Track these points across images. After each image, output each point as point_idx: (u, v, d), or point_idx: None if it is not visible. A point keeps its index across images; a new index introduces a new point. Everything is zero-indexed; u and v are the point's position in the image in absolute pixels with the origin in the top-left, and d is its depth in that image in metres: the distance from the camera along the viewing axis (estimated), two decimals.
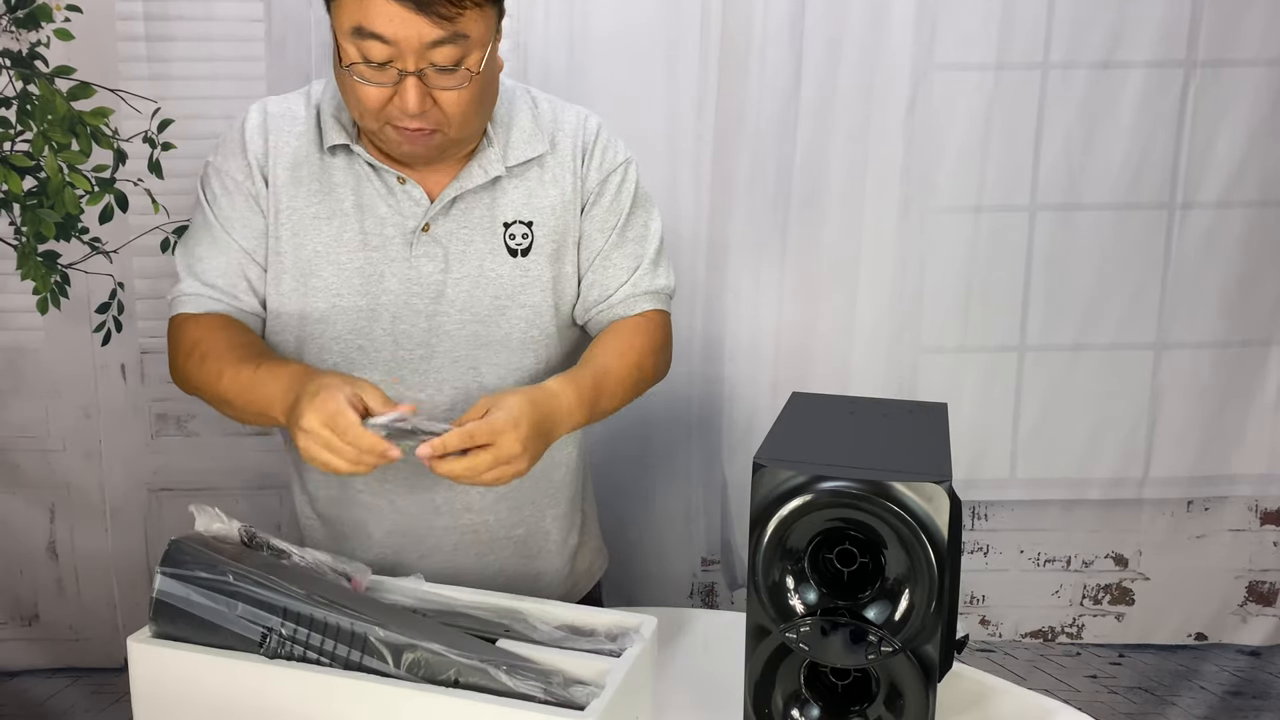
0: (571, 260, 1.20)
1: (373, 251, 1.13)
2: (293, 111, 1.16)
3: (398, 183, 1.13)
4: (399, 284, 1.13)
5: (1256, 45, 1.80)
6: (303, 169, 1.14)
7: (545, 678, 0.87)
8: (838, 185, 1.83)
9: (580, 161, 1.18)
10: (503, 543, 1.23)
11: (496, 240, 1.14)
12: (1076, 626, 2.02)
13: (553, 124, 1.19)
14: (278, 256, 1.14)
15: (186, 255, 1.16)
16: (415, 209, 1.13)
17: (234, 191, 1.15)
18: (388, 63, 1.00)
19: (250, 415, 1.07)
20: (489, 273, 1.14)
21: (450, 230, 1.14)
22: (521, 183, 1.16)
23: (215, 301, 1.14)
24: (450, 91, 1.03)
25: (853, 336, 1.88)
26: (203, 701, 0.89)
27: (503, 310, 1.15)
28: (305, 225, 1.13)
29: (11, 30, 1.71)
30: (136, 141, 1.76)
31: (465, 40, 1.00)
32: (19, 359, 1.83)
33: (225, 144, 1.17)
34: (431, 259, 1.13)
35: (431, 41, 0.99)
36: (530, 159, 1.16)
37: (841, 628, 0.86)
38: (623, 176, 1.21)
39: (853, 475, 0.85)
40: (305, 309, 1.14)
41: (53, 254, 1.79)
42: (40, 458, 1.87)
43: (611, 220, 1.20)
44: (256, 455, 1.88)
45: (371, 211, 1.13)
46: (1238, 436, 1.94)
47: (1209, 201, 1.86)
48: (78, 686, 1.92)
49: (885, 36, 1.78)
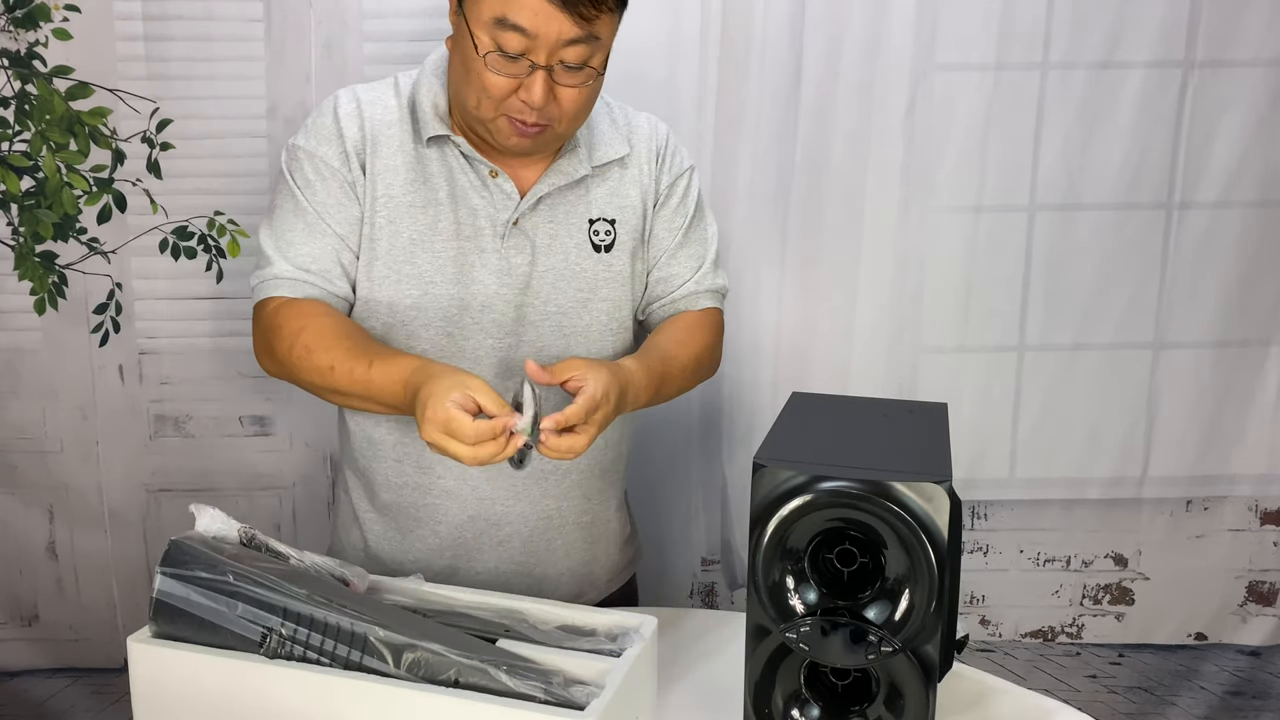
0: (642, 257, 1.25)
1: (465, 241, 1.16)
2: (384, 100, 1.18)
3: (490, 176, 1.16)
4: (489, 275, 1.16)
5: (1255, 46, 1.80)
6: (398, 157, 1.16)
7: (545, 678, 0.87)
8: (838, 185, 1.83)
9: (655, 164, 1.25)
10: (572, 529, 1.27)
11: (582, 236, 1.20)
12: (1076, 626, 2.02)
13: (627, 127, 1.25)
14: (371, 243, 1.16)
15: (276, 239, 1.16)
16: (507, 202, 1.17)
17: (329, 178, 1.16)
18: (521, 55, 1.05)
19: (371, 406, 1.10)
20: (574, 267, 1.19)
21: (537, 224, 1.18)
22: (605, 182, 1.22)
23: (311, 287, 1.15)
24: (570, 89, 1.08)
25: (853, 336, 1.88)
26: (203, 701, 0.89)
27: (585, 303, 1.20)
28: (401, 213, 1.15)
29: (10, 30, 1.71)
30: (135, 141, 1.76)
31: (596, 41, 1.06)
32: (16, 360, 1.83)
33: (316, 129, 1.17)
34: (520, 251, 1.17)
35: (568, 39, 1.04)
36: (612, 160, 1.22)
37: (841, 628, 0.86)
38: (689, 180, 1.28)
39: (853, 475, 0.85)
40: (397, 296, 1.16)
41: (50, 254, 1.79)
42: (38, 458, 1.86)
43: (679, 220, 1.26)
44: (255, 456, 1.88)
45: (465, 202, 1.16)
46: (1237, 436, 1.94)
47: (1208, 201, 1.86)
48: (78, 686, 1.92)
49: (885, 36, 1.78)
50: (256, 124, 1.77)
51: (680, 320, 1.27)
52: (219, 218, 1.80)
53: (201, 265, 1.81)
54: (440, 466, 1.20)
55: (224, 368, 1.85)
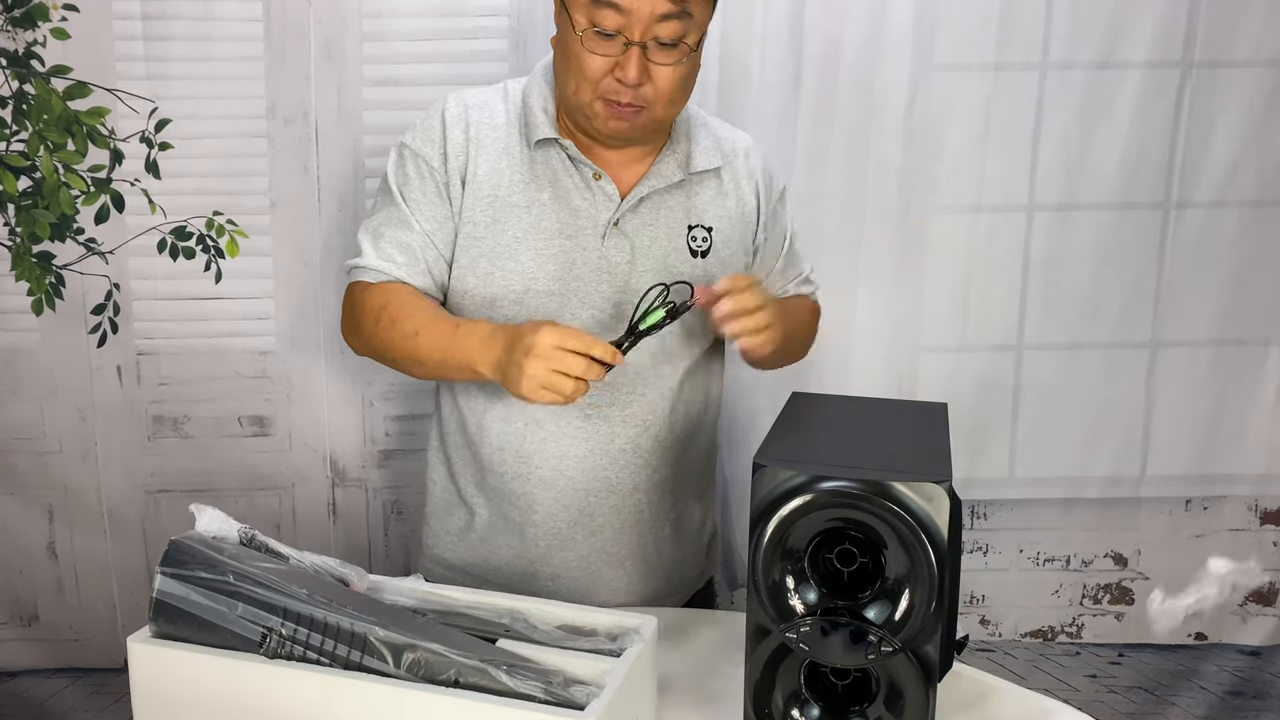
0: (740, 268, 1.28)
1: (567, 240, 1.19)
2: (491, 105, 1.23)
3: (594, 178, 1.20)
4: (590, 273, 1.19)
5: (1252, 46, 1.81)
6: (503, 160, 1.20)
7: (545, 677, 0.87)
8: (838, 185, 1.83)
9: (755, 182, 1.29)
10: (661, 524, 1.28)
11: (681, 240, 1.23)
12: (1076, 626, 2.02)
13: (725, 141, 1.29)
14: (475, 241, 1.19)
15: (371, 230, 1.23)
16: (609, 203, 1.20)
17: (426, 177, 1.20)
18: (616, 33, 1.08)
19: (449, 369, 1.15)
20: (672, 268, 1.22)
21: (637, 226, 1.21)
22: (703, 190, 1.25)
23: (398, 269, 1.20)
24: (666, 67, 1.11)
25: (853, 336, 1.88)
26: (203, 701, 0.89)
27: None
28: (506, 212, 1.19)
29: (8, 29, 1.70)
30: (133, 141, 1.76)
31: (690, 19, 1.09)
32: (14, 360, 1.83)
33: (423, 130, 1.22)
34: (620, 250, 1.20)
35: (662, 14, 1.07)
36: (707, 169, 1.25)
37: (841, 628, 0.86)
38: (785, 204, 1.35)
39: (853, 475, 0.85)
40: (498, 292, 1.19)
41: (48, 254, 1.79)
42: (37, 459, 1.86)
43: (780, 241, 1.35)
44: (254, 456, 1.88)
45: (567, 202, 1.20)
46: (1236, 436, 1.94)
47: (1205, 201, 1.86)
48: (78, 686, 1.92)
49: (885, 36, 1.78)
50: (256, 124, 1.77)
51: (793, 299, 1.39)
52: (218, 218, 1.80)
53: (200, 265, 1.81)
54: (539, 456, 1.23)
55: (223, 368, 1.85)
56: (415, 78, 1.77)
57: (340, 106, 1.77)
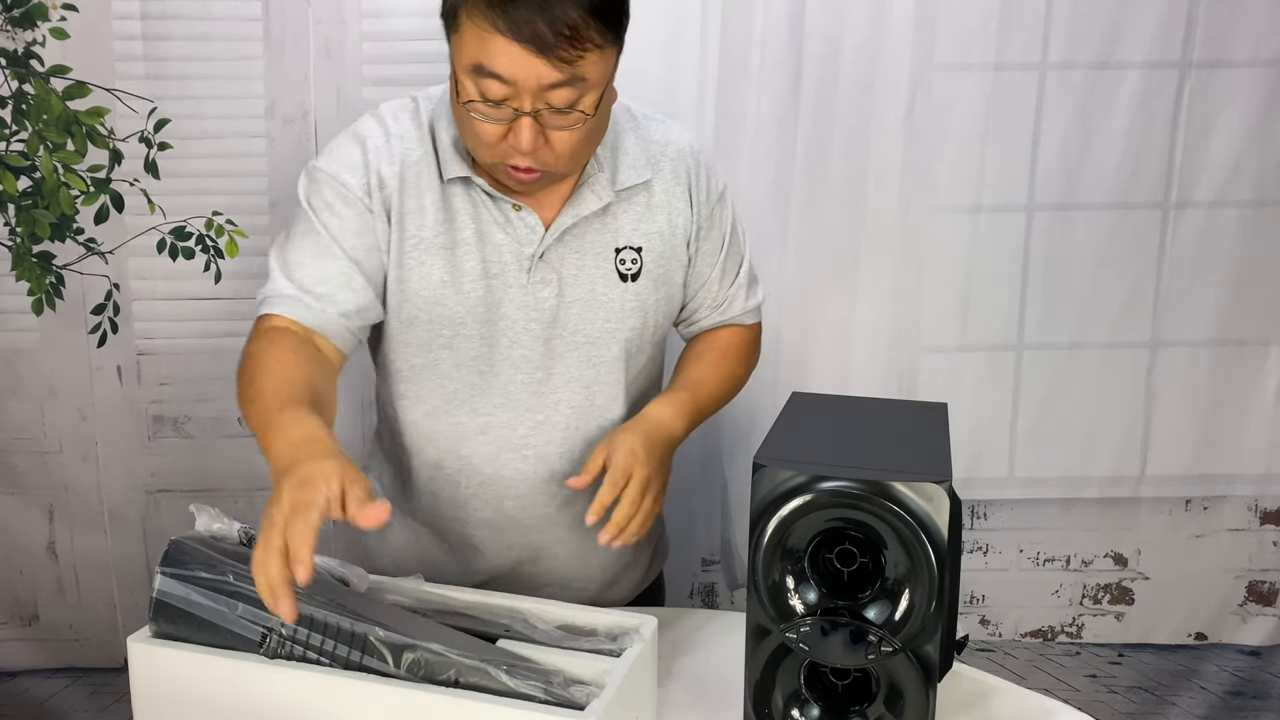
0: (676, 283, 1.22)
1: (492, 279, 1.14)
2: (407, 134, 1.14)
3: (514, 210, 1.13)
4: (517, 310, 1.14)
5: (1252, 46, 1.80)
6: (426, 196, 1.13)
7: (545, 677, 0.87)
8: (837, 185, 1.83)
9: (687, 189, 1.20)
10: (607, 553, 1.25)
11: (609, 265, 1.16)
12: (1076, 626, 2.02)
13: (655, 144, 1.20)
14: (402, 285, 1.13)
15: (284, 258, 1.12)
16: (531, 236, 1.14)
17: (351, 203, 1.11)
18: (504, 101, 1.00)
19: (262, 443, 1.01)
20: (600, 297, 1.16)
21: (563, 255, 1.15)
22: (631, 208, 1.17)
23: (307, 309, 1.09)
24: (563, 131, 1.03)
25: (853, 336, 1.88)
26: (203, 701, 0.89)
27: (612, 333, 1.17)
28: (431, 255, 1.13)
29: (7, 29, 1.70)
30: (133, 141, 1.76)
31: (583, 83, 1.01)
32: (14, 360, 1.83)
33: (341, 155, 1.13)
34: (547, 284, 1.14)
35: (550, 84, 0.99)
36: (637, 184, 1.17)
37: (841, 628, 0.86)
38: (725, 204, 1.24)
39: (853, 475, 0.85)
40: (430, 335, 1.15)
41: (47, 254, 1.79)
42: (37, 459, 1.86)
43: (716, 249, 1.24)
44: (255, 456, 1.85)
45: (489, 239, 1.14)
46: (1236, 436, 1.94)
47: (1205, 201, 1.86)
48: (78, 686, 1.92)
49: (885, 36, 1.78)
50: (255, 124, 1.77)
51: (711, 338, 1.29)
52: (217, 218, 1.80)
53: (200, 265, 1.81)
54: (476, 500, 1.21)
55: (222, 368, 1.83)
56: (415, 78, 1.76)
57: (340, 106, 1.77)
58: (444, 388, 1.17)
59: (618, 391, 1.20)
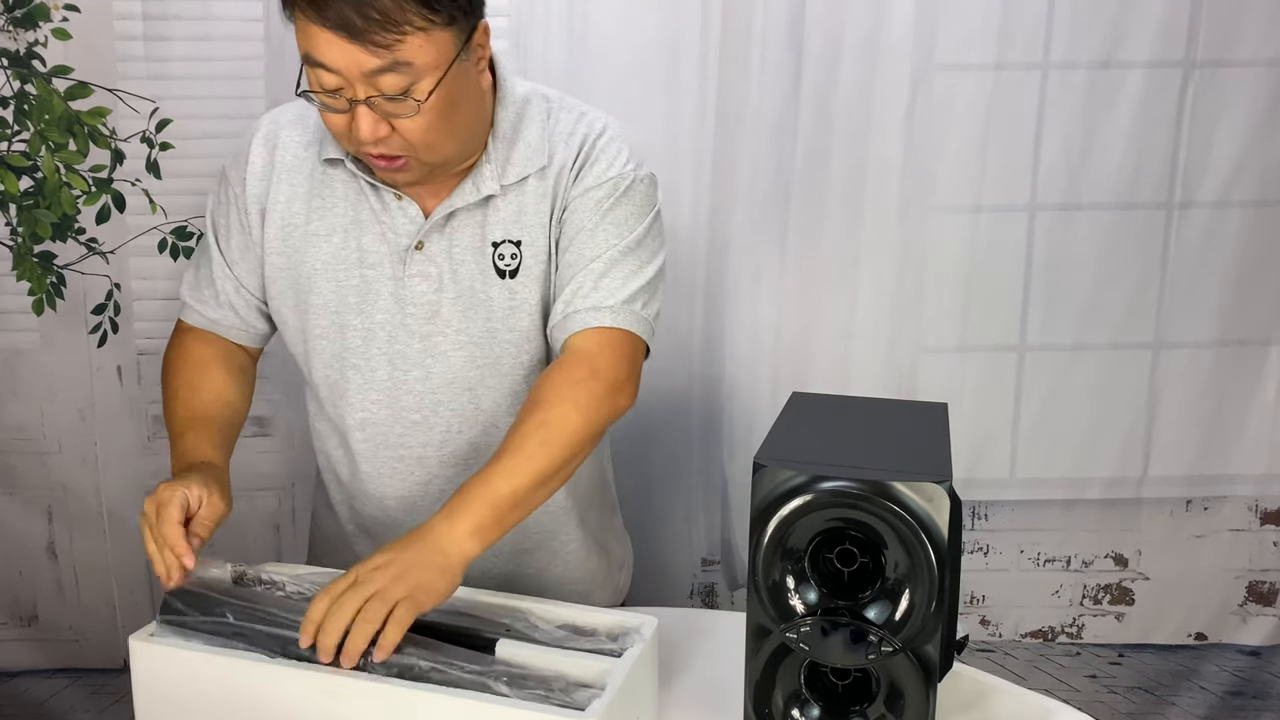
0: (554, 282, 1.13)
1: (369, 269, 1.10)
2: (305, 120, 1.13)
3: (394, 199, 1.09)
4: (393, 303, 1.10)
5: (1255, 45, 1.80)
6: (305, 184, 1.11)
7: (546, 684, 0.87)
8: (838, 185, 1.83)
9: (569, 175, 1.10)
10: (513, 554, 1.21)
11: (486, 261, 1.10)
12: (1076, 626, 2.02)
13: (560, 132, 1.11)
14: (278, 271, 1.13)
15: (194, 261, 1.21)
16: (409, 226, 1.09)
17: (232, 203, 1.14)
18: (338, 90, 0.97)
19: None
20: (480, 294, 1.10)
21: (444, 249, 1.09)
22: (515, 199, 1.09)
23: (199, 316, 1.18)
24: (406, 119, 0.98)
25: (853, 336, 1.88)
26: (203, 701, 0.89)
27: (494, 333, 1.11)
28: (305, 242, 1.11)
29: (9, 30, 1.70)
30: (134, 141, 1.76)
31: (409, 68, 0.95)
32: (15, 360, 1.83)
33: (235, 152, 1.16)
34: (425, 278, 1.10)
35: (372, 70, 0.94)
36: (528, 174, 1.09)
37: (841, 628, 0.86)
38: (616, 186, 1.09)
39: (853, 475, 0.85)
40: (306, 324, 1.13)
41: (49, 254, 1.79)
42: (37, 459, 1.86)
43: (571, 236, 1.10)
44: (254, 456, 1.88)
45: (368, 228, 1.10)
46: (1237, 436, 1.94)
47: (1207, 201, 1.86)
48: (78, 686, 1.92)
49: (885, 36, 1.78)
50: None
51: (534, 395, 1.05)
52: None
53: None
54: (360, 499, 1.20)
55: None
56: None
57: None
58: (325, 380, 1.15)
59: (504, 397, 1.14)
